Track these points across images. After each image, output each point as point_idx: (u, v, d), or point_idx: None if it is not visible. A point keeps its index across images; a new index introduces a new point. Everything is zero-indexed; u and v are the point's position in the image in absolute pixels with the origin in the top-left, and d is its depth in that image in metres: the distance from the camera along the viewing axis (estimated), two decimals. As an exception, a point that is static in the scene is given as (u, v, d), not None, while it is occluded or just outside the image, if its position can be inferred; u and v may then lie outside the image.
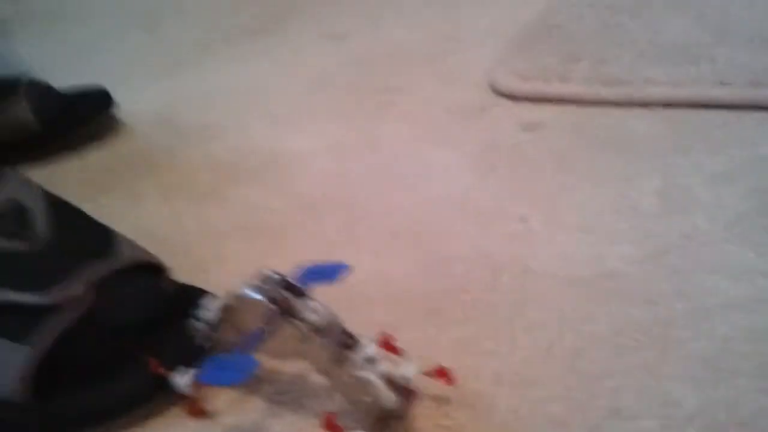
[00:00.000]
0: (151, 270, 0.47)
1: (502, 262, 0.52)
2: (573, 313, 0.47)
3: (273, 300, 0.39)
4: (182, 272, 0.50)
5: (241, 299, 0.40)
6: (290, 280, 0.41)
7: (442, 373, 0.41)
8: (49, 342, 0.40)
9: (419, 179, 0.63)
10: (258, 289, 0.40)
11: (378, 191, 0.62)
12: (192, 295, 0.45)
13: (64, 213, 0.46)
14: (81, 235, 0.45)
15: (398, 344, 0.42)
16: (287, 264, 0.53)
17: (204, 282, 0.49)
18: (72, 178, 0.71)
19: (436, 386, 0.42)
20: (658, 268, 0.49)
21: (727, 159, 0.58)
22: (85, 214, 0.48)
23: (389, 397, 0.38)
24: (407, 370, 0.40)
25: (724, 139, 0.60)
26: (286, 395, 0.44)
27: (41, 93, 0.74)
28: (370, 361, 0.39)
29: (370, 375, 0.38)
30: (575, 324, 0.46)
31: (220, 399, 0.43)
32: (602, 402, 0.40)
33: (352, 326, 0.47)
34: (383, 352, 0.41)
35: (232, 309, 0.41)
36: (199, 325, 0.42)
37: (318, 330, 0.39)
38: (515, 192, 0.59)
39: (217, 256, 0.57)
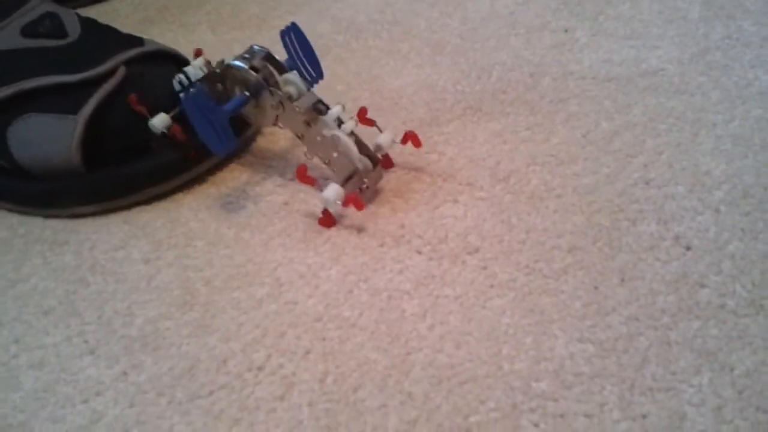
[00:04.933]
0: (177, 64, 0.50)
1: (543, 67, 0.52)
2: (611, 105, 0.47)
3: (255, 69, 0.43)
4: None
5: (228, 68, 0.44)
6: (273, 55, 0.44)
7: (411, 137, 0.44)
8: (91, 109, 0.44)
9: (465, 1, 0.63)
10: (243, 60, 0.44)
11: (422, 13, 0.63)
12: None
13: (95, 23, 0.51)
14: (111, 35, 0.50)
15: (374, 118, 0.45)
16: (334, 77, 0.55)
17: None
18: (122, 15, 0.73)
19: (471, 166, 0.44)
20: (698, 66, 0.49)
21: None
22: (113, 27, 0.51)
23: (352, 148, 0.42)
24: (382, 139, 0.43)
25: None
26: (272, 164, 0.47)
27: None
28: (338, 121, 0.43)
29: (338, 132, 0.42)
30: (611, 113, 0.47)
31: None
32: (633, 174, 0.42)
33: (393, 123, 0.49)
34: (358, 123, 0.44)
35: (217, 75, 0.44)
36: (180, 77, 0.46)
37: (292, 99, 0.43)
38: (560, 8, 0.59)
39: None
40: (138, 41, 0.49)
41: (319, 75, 0.46)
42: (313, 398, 0.33)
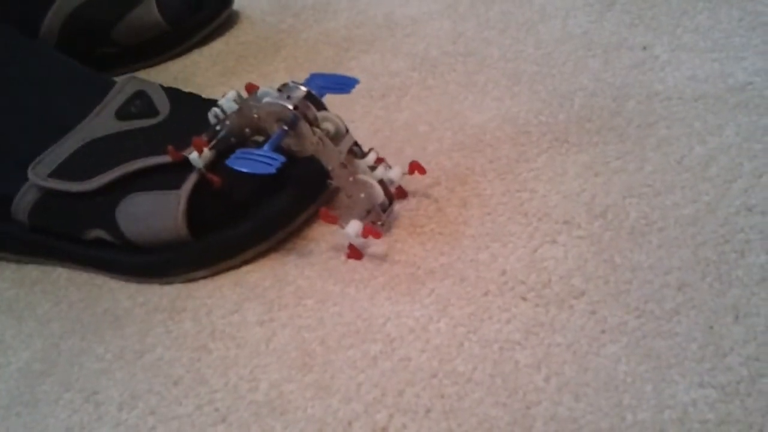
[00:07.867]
0: None
1: (626, 89, 0.52)
2: (701, 127, 0.47)
3: (295, 107, 0.46)
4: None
5: (269, 104, 0.46)
6: (313, 92, 0.47)
7: (416, 166, 0.48)
8: (192, 184, 0.47)
9: (536, 24, 0.63)
10: (283, 97, 0.46)
11: (494, 41, 0.63)
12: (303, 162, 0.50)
13: (180, 95, 0.54)
14: (197, 107, 0.52)
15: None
16: (416, 117, 0.56)
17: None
18: (203, 68, 0.76)
19: (565, 203, 0.45)
20: (791, 76, 0.48)
21: None
22: (197, 94, 0.54)
23: (379, 194, 0.47)
24: (393, 173, 0.48)
25: None
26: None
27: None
28: (372, 168, 0.48)
29: (371, 180, 0.46)
30: (704, 136, 0.46)
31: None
32: (734, 201, 0.41)
33: (480, 162, 0.50)
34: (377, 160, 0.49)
35: (251, 109, 0.47)
36: (216, 110, 0.48)
37: (330, 137, 0.46)
38: (635, 23, 0.59)
39: (345, 117, 0.60)
40: None
41: (353, 81, 0.49)
42: (440, 458, 0.34)
